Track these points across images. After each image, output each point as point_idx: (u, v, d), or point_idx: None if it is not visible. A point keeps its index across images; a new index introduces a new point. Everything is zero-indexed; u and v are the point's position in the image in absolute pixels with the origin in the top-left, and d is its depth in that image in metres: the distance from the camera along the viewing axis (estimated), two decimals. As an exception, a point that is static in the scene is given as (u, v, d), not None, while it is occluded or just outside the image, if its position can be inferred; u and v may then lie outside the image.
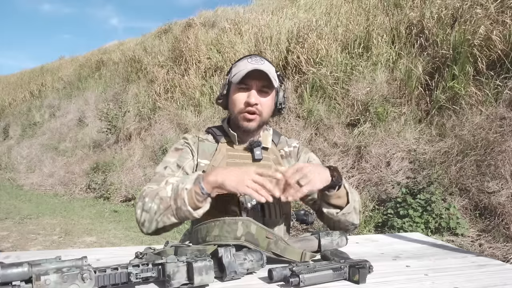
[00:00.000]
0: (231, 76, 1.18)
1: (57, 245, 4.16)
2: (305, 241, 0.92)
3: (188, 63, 8.36)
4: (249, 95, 1.13)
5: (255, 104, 1.13)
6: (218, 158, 1.16)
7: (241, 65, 1.16)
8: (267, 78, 1.11)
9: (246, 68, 1.12)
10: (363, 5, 6.47)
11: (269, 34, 7.15)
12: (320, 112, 5.40)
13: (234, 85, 1.16)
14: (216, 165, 1.15)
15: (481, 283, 0.78)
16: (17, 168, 10.22)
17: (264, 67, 1.13)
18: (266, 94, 1.15)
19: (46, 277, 0.58)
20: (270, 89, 1.16)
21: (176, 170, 1.13)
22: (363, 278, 0.75)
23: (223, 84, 1.22)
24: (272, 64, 1.22)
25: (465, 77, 4.39)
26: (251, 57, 1.18)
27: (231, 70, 1.21)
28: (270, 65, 1.18)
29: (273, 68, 1.19)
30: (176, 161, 1.15)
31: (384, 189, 4.15)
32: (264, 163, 1.18)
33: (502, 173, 3.54)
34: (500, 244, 3.17)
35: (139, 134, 8.14)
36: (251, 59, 1.16)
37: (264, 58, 1.19)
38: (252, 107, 1.13)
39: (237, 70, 1.16)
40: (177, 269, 0.67)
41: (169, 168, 1.13)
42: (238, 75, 1.13)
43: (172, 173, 1.12)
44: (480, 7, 4.76)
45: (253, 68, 1.10)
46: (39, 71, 15.53)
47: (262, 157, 1.18)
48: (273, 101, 1.20)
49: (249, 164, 1.17)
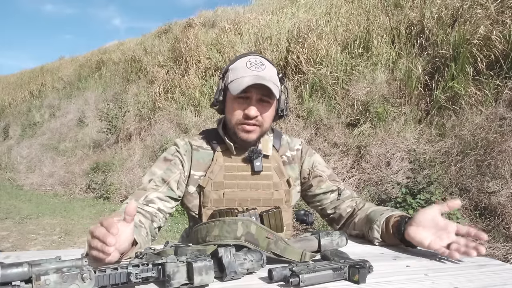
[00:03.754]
0: (228, 82, 1.08)
1: (57, 245, 4.16)
2: (305, 241, 0.92)
3: (188, 63, 8.36)
4: (249, 108, 1.05)
5: (255, 116, 1.05)
6: (215, 169, 1.10)
7: (239, 70, 1.06)
8: (267, 89, 1.03)
9: (245, 76, 1.03)
10: (363, 5, 6.47)
11: (269, 34, 7.15)
12: (320, 112, 5.40)
13: (231, 94, 1.06)
14: (213, 177, 1.09)
15: (481, 283, 0.78)
16: (17, 168, 10.23)
17: (265, 74, 1.05)
18: (266, 103, 1.07)
19: (46, 277, 0.58)
20: (271, 99, 1.07)
21: (161, 184, 1.08)
22: (363, 278, 0.75)
23: (218, 89, 1.12)
24: (273, 64, 1.13)
25: (465, 77, 4.39)
26: (250, 59, 1.08)
27: (227, 74, 1.10)
28: (271, 68, 1.09)
29: (275, 70, 1.11)
30: (162, 175, 1.09)
31: (384, 189, 4.15)
32: (264, 174, 1.12)
33: (502, 173, 3.54)
34: (500, 244, 3.17)
35: (139, 134, 8.15)
36: (250, 62, 1.06)
37: (264, 59, 1.11)
38: (251, 119, 1.06)
39: (234, 76, 1.06)
40: (177, 269, 0.67)
41: (153, 182, 1.08)
42: (236, 84, 1.03)
43: (156, 187, 1.07)
44: (480, 7, 4.76)
45: (253, 82, 1.01)
46: (39, 71, 15.54)
47: (263, 168, 1.11)
48: (274, 109, 1.12)
49: (248, 176, 1.11)
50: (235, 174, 1.11)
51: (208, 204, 1.09)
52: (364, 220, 1.10)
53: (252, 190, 1.11)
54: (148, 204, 1.05)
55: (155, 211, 1.05)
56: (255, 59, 1.08)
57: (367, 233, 1.08)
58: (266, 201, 1.11)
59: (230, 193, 1.10)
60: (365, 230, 1.09)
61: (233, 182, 1.10)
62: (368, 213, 1.11)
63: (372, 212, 1.09)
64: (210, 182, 1.10)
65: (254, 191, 1.11)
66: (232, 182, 1.10)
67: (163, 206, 1.07)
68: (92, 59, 12.87)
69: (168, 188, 1.08)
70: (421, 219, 0.95)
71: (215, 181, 1.10)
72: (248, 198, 1.10)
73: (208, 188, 1.10)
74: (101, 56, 12.60)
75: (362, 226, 1.11)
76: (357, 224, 1.13)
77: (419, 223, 0.95)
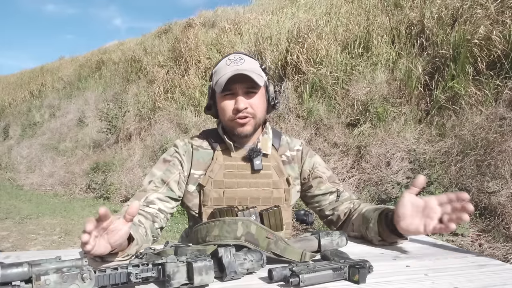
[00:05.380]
0: (214, 84, 1.11)
1: (57, 245, 4.16)
2: (305, 241, 0.92)
3: (188, 63, 8.36)
4: (237, 101, 1.07)
5: (245, 108, 1.07)
6: (215, 168, 1.11)
7: (221, 69, 1.09)
8: (250, 80, 1.04)
9: (226, 73, 1.05)
10: (363, 5, 6.47)
11: (269, 34, 7.15)
12: (320, 112, 5.40)
13: (218, 93, 1.10)
14: (213, 176, 1.10)
15: (481, 283, 0.78)
16: (17, 168, 10.23)
17: (245, 66, 1.07)
18: (253, 94, 1.09)
19: (46, 277, 0.58)
20: (257, 89, 1.09)
21: (160, 185, 1.09)
22: (363, 278, 0.75)
23: (208, 94, 1.16)
24: (254, 57, 1.15)
25: (465, 77, 4.39)
26: (229, 57, 1.11)
27: (213, 77, 1.13)
28: (251, 61, 1.11)
29: (256, 62, 1.13)
30: (161, 176, 1.10)
31: (384, 189, 4.15)
32: (264, 172, 1.13)
33: (502, 173, 3.54)
34: (500, 244, 3.17)
35: (139, 134, 8.15)
36: (229, 60, 1.09)
37: (244, 54, 1.12)
38: (242, 112, 1.07)
39: (217, 76, 1.09)
40: (177, 269, 0.67)
41: (153, 183, 1.09)
42: (219, 82, 1.06)
43: (156, 188, 1.08)
44: (480, 7, 4.76)
45: (233, 74, 1.03)
46: (39, 71, 15.53)
47: (262, 166, 1.12)
48: (264, 99, 1.13)
49: (248, 175, 1.12)
50: (235, 172, 1.11)
51: (208, 203, 1.10)
52: (360, 221, 1.11)
53: (252, 188, 1.12)
54: (149, 205, 1.06)
55: (156, 212, 1.06)
56: (233, 56, 1.11)
57: (365, 233, 1.08)
58: (265, 199, 1.12)
59: (230, 192, 1.10)
60: (362, 231, 1.09)
61: (233, 180, 1.11)
62: (363, 212, 1.11)
63: (367, 211, 1.10)
64: (210, 180, 1.10)
65: (254, 189, 1.12)
66: (232, 181, 1.11)
67: (164, 207, 1.08)
68: (92, 59, 12.87)
69: (168, 189, 1.09)
70: (402, 211, 0.97)
71: (215, 180, 1.10)
72: (248, 197, 1.11)
73: (208, 186, 1.10)
74: (101, 56, 12.60)
75: (360, 226, 1.11)
76: (354, 225, 1.14)
77: (403, 216, 0.97)
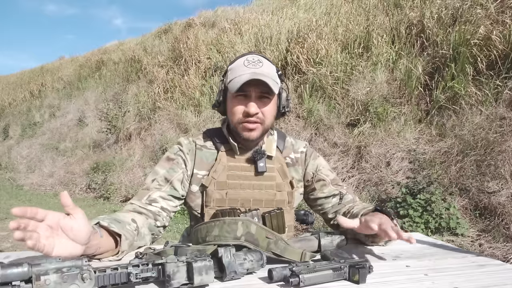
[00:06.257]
0: (227, 82, 1.08)
1: (57, 245, 4.15)
2: (305, 241, 0.92)
3: (188, 63, 8.36)
4: (248, 105, 1.04)
5: (256, 114, 1.05)
6: (219, 169, 1.10)
7: (237, 69, 1.06)
8: (266, 85, 1.02)
9: (243, 73, 1.03)
10: (363, 5, 6.47)
11: (269, 34, 7.15)
12: (320, 112, 5.40)
13: (230, 93, 1.07)
14: (216, 177, 1.09)
15: (481, 283, 0.78)
16: (17, 168, 10.22)
17: (263, 70, 1.04)
18: (266, 100, 1.06)
19: (46, 277, 0.58)
20: (271, 95, 1.06)
21: (164, 184, 1.08)
22: (363, 278, 0.75)
23: (218, 90, 1.13)
24: (272, 62, 1.13)
25: (465, 77, 4.40)
26: (248, 57, 1.08)
27: (227, 74, 1.10)
28: (269, 66, 1.09)
29: (273, 67, 1.10)
30: (164, 174, 1.08)
31: (384, 189, 4.15)
32: (268, 175, 1.12)
33: (502, 173, 3.54)
34: (500, 244, 3.17)
35: (139, 134, 8.14)
36: (248, 61, 1.07)
37: (262, 56, 1.11)
38: (252, 117, 1.05)
39: (233, 75, 1.06)
40: (177, 269, 0.67)
41: (156, 181, 1.08)
42: (234, 82, 1.03)
43: (159, 187, 1.07)
44: (480, 7, 4.76)
45: (250, 78, 1.01)
46: (39, 71, 15.53)
47: (266, 168, 1.11)
48: (275, 106, 1.11)
49: (251, 177, 1.11)
50: (238, 174, 1.11)
51: (210, 204, 1.09)
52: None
53: (255, 190, 1.11)
54: (151, 203, 1.05)
55: (158, 210, 1.05)
56: (252, 58, 1.08)
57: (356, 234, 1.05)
58: (268, 202, 1.11)
59: (233, 193, 1.10)
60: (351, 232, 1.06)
61: (236, 182, 1.10)
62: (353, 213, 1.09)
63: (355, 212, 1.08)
64: (213, 181, 1.10)
65: (257, 191, 1.11)
66: (235, 182, 1.10)
67: (167, 205, 1.07)
68: (92, 59, 12.86)
69: (171, 187, 1.08)
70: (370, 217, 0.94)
71: (218, 181, 1.10)
72: (251, 199, 1.10)
73: (211, 187, 1.09)
74: (101, 56, 12.60)
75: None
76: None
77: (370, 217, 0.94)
